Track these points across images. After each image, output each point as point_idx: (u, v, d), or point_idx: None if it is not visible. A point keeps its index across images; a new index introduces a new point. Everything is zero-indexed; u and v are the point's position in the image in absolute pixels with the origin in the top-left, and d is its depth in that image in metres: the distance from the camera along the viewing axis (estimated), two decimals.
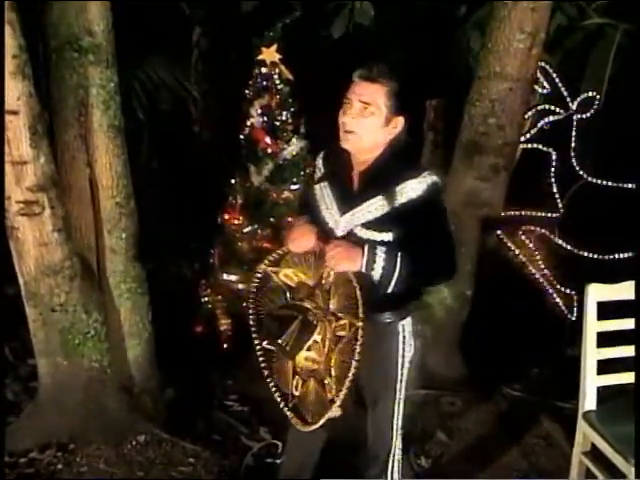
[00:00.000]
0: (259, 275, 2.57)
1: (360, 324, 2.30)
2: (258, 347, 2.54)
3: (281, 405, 2.46)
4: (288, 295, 2.51)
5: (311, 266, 2.47)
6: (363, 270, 2.34)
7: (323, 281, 2.43)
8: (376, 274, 2.35)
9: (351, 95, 2.40)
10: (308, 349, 2.38)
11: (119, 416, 3.44)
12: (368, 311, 2.32)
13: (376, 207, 2.41)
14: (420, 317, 4.04)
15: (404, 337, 2.59)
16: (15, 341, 4.01)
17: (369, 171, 2.47)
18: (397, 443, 2.73)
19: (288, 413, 2.46)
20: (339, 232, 2.48)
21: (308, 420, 2.42)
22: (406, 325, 2.59)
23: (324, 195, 2.57)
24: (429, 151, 4.30)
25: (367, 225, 2.42)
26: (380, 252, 2.35)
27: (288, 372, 2.48)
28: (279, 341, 2.36)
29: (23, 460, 3.23)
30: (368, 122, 2.39)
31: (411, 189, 2.37)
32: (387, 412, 2.65)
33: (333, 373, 2.38)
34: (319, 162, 2.67)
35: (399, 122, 2.45)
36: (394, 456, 2.74)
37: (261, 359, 2.54)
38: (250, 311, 2.58)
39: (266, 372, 2.53)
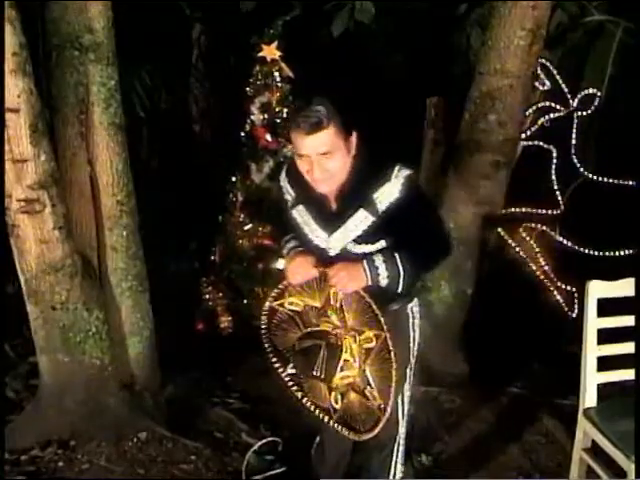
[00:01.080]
0: (265, 313, 2.54)
1: (386, 335, 2.33)
2: (284, 374, 2.49)
3: (325, 420, 2.41)
4: (298, 320, 2.50)
5: (315, 290, 2.46)
6: (370, 283, 2.35)
7: (331, 301, 2.43)
8: (383, 282, 2.37)
9: (306, 151, 2.32)
10: (341, 370, 2.39)
11: (120, 414, 3.44)
12: (379, 303, 2.36)
13: (360, 221, 2.41)
14: (421, 314, 4.08)
15: (413, 319, 2.64)
16: (16, 339, 4.01)
17: (343, 189, 2.43)
18: (402, 433, 2.75)
19: (336, 426, 2.41)
20: (332, 251, 2.48)
21: (360, 429, 2.41)
22: (414, 307, 2.64)
23: (304, 219, 2.54)
24: (429, 149, 4.29)
25: (358, 240, 2.43)
26: (379, 262, 2.37)
27: (322, 389, 2.45)
28: (313, 373, 2.38)
29: (24, 458, 3.23)
30: (334, 164, 2.34)
31: (388, 194, 2.37)
32: (396, 397, 2.63)
33: (372, 383, 2.40)
34: (285, 185, 2.59)
35: (353, 140, 2.39)
36: (399, 445, 2.77)
37: (290, 384, 2.48)
38: (266, 345, 2.53)
39: (300, 394, 2.46)
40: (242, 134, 4.45)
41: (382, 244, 2.42)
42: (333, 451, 2.91)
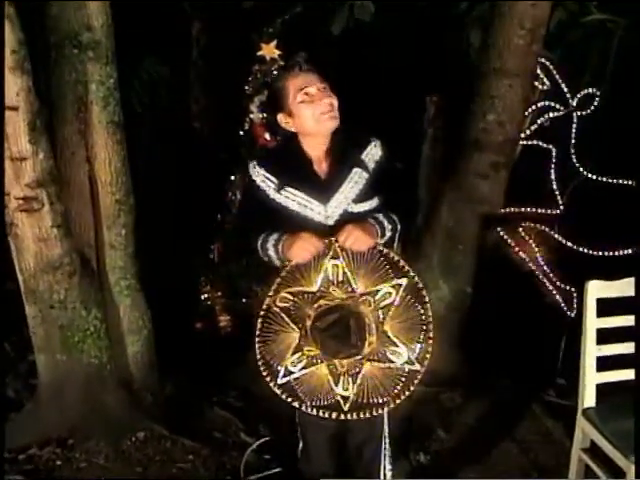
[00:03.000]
0: (262, 313, 2.47)
1: (404, 281, 2.38)
2: (275, 387, 2.45)
3: (334, 416, 2.41)
4: (287, 319, 2.44)
5: (310, 272, 2.43)
6: (379, 239, 2.43)
7: (331, 276, 2.42)
8: (387, 236, 2.48)
9: (309, 84, 2.48)
10: (369, 334, 2.37)
11: (118, 413, 3.44)
12: None
13: (356, 180, 2.53)
14: None
15: None
16: (15, 338, 4.01)
17: (333, 152, 2.55)
18: (387, 426, 2.75)
19: (349, 416, 2.40)
20: (330, 221, 2.52)
21: (382, 401, 2.40)
22: None
23: (293, 199, 2.55)
24: (429, 147, 4.29)
25: (357, 199, 2.52)
26: (381, 217, 2.48)
27: (325, 384, 2.43)
28: (351, 342, 2.33)
29: (22, 456, 3.24)
30: (335, 101, 2.50)
31: (373, 154, 2.57)
32: None
33: (396, 339, 2.40)
34: (262, 175, 2.58)
35: None
36: (385, 438, 2.76)
37: (284, 396, 2.44)
38: (258, 357, 2.46)
39: (296, 403, 2.44)
40: (241, 133, 4.44)
41: (375, 202, 2.54)
42: (320, 451, 2.87)
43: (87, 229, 3.35)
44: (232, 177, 4.45)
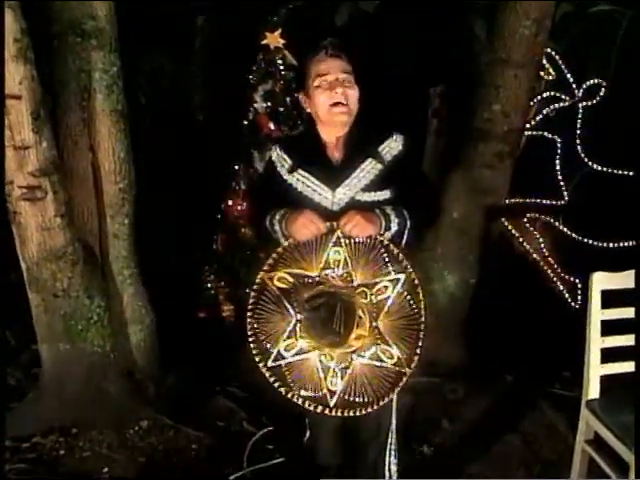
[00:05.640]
0: (256, 287, 2.42)
1: (402, 276, 2.34)
2: (264, 368, 2.41)
3: (319, 410, 2.39)
4: (286, 303, 2.40)
5: (312, 255, 2.40)
6: (383, 229, 2.40)
7: (332, 264, 2.38)
8: (393, 229, 2.43)
9: (329, 71, 2.46)
10: (357, 326, 2.33)
11: (122, 402, 3.44)
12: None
13: (369, 169, 2.51)
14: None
15: None
16: (18, 327, 4.01)
17: (350, 139, 2.53)
18: (394, 421, 2.70)
19: (334, 413, 2.38)
20: (336, 207, 2.50)
21: (368, 401, 2.37)
22: None
23: (304, 181, 2.55)
24: (433, 138, 4.28)
25: (366, 188, 2.50)
26: (389, 209, 2.44)
27: (314, 374, 2.40)
28: (333, 326, 2.29)
29: (25, 445, 3.25)
30: (353, 93, 2.48)
31: (392, 147, 2.53)
32: None
33: (389, 338, 2.36)
34: (280, 154, 2.61)
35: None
36: (392, 434, 2.72)
37: (272, 379, 2.41)
38: (249, 333, 2.41)
39: (284, 389, 2.41)
40: (245, 122, 4.43)
41: (386, 194, 2.51)
42: (324, 443, 2.87)
43: (90, 218, 3.35)
44: (235, 167, 4.44)
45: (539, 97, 4.20)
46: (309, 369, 2.41)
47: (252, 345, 2.41)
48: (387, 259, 2.37)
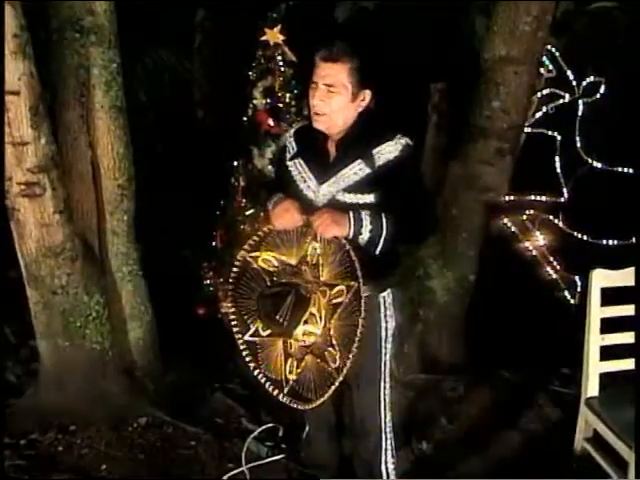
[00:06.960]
0: (238, 264, 2.54)
1: (357, 284, 2.31)
2: (240, 341, 2.53)
3: (275, 393, 2.46)
4: (268, 281, 2.49)
5: (293, 245, 2.46)
6: (351, 233, 2.36)
7: (308, 257, 2.43)
8: (364, 236, 2.38)
9: (316, 79, 2.45)
10: (305, 322, 2.36)
11: (120, 399, 3.44)
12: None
13: (356, 171, 2.48)
14: (423, 301, 4.06)
15: (385, 309, 2.61)
16: (16, 323, 4.00)
17: (344, 139, 2.52)
18: (387, 422, 2.72)
19: (285, 399, 2.46)
20: (319, 202, 2.51)
21: (311, 398, 2.41)
22: (386, 297, 2.61)
23: (299, 170, 2.59)
24: (433, 135, 4.27)
25: (349, 189, 2.47)
26: (365, 214, 2.38)
27: (278, 358, 2.47)
28: (276, 317, 2.34)
29: (24, 442, 3.24)
30: (334, 102, 2.44)
31: (387, 152, 2.45)
32: (374, 389, 2.65)
33: (335, 342, 2.37)
34: (290, 141, 2.67)
35: (367, 95, 2.49)
36: (386, 434, 2.73)
37: (245, 353, 2.53)
38: (229, 305, 2.55)
39: (252, 365, 2.51)
40: (244, 119, 4.43)
41: (370, 198, 2.46)
42: (320, 440, 2.92)
43: (89, 215, 3.34)
44: (235, 163, 4.43)
45: (539, 94, 4.19)
46: (275, 352, 2.49)
47: (232, 317, 2.54)
48: (348, 264, 2.35)
